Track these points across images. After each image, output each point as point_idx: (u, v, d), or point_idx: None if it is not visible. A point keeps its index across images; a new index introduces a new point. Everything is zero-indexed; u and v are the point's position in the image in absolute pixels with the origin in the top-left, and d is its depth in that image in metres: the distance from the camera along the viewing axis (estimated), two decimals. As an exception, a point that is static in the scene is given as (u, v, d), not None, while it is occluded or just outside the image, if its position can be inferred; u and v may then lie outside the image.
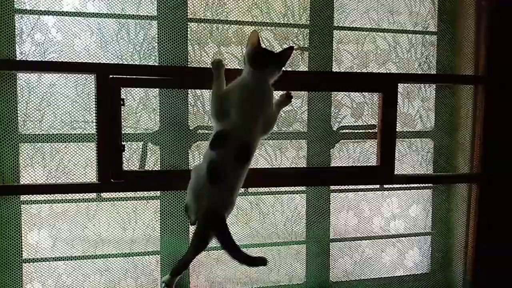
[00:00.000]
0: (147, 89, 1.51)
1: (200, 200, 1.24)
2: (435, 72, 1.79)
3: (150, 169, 1.51)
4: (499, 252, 1.75)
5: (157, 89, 1.51)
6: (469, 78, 1.72)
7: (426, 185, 1.84)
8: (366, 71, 1.70)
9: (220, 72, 1.32)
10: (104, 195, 1.53)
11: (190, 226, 1.45)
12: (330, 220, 1.73)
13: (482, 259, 1.74)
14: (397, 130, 1.76)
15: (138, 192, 1.55)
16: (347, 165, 1.70)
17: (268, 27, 1.61)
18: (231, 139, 1.22)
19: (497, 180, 1.72)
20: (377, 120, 1.64)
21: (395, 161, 1.73)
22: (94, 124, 1.38)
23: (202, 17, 1.55)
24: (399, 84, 1.73)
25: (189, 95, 1.54)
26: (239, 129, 1.23)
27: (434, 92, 1.81)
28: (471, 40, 1.73)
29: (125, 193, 1.54)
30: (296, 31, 1.64)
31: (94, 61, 1.46)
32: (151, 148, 1.53)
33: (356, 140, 1.73)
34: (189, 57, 1.54)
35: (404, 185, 1.80)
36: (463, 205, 1.78)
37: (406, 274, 1.84)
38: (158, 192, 1.56)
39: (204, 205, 1.23)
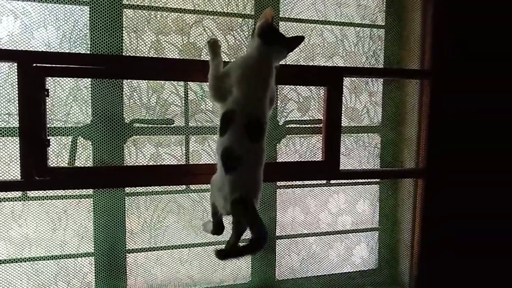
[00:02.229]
0: (78, 79, 1.43)
1: (224, 194, 1.14)
2: (382, 66, 1.80)
3: (80, 166, 1.44)
4: (444, 247, 1.80)
5: (89, 79, 1.43)
6: (415, 72, 1.74)
7: (373, 180, 1.85)
8: (313, 65, 1.69)
9: (217, 52, 1.26)
10: (31, 193, 1.44)
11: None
12: (276, 217, 1.71)
13: (428, 254, 1.78)
14: (344, 125, 1.76)
15: (68, 190, 1.48)
16: (294, 160, 1.69)
17: (211, 16, 1.56)
18: (239, 117, 1.13)
19: (442, 175, 1.75)
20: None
21: (342, 157, 1.73)
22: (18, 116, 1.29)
23: (139, 4, 1.48)
24: (346, 79, 1.75)
25: (124, 86, 1.47)
26: (246, 105, 1.15)
27: (381, 86, 1.82)
28: (417, 34, 1.75)
29: (54, 191, 1.46)
30: (241, 21, 1.60)
31: (17, 48, 1.36)
32: (82, 143, 1.45)
33: (303, 135, 1.72)
34: (124, 46, 1.46)
35: (351, 180, 1.81)
36: (409, 200, 1.81)
37: (354, 271, 1.86)
38: (91, 190, 1.49)
39: (229, 199, 1.12)
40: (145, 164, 1.52)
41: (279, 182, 1.70)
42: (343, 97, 1.75)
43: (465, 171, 1.78)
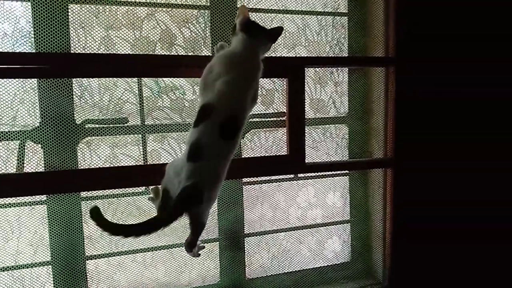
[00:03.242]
0: (24, 80, 1.37)
1: (180, 179, 1.12)
2: (347, 55, 1.78)
3: (31, 171, 1.37)
4: (416, 236, 1.79)
5: (35, 80, 1.37)
6: (378, 59, 1.72)
7: (342, 172, 1.83)
8: (274, 56, 1.65)
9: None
10: (-21, 202, 1.38)
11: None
12: (244, 214, 1.68)
13: (400, 244, 1.77)
14: (310, 116, 1.74)
15: (20, 198, 1.41)
16: (260, 155, 1.66)
17: (164, 9, 1.51)
18: (217, 111, 1.12)
19: (411, 163, 1.74)
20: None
21: (309, 149, 1.72)
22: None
23: (85, -2, 1.42)
24: (310, 69, 1.72)
25: (74, 86, 1.41)
26: (225, 99, 1.14)
27: (347, 76, 1.80)
28: (380, 20, 1.72)
29: (3, 199, 1.40)
30: (196, 13, 1.55)
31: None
32: (32, 147, 1.39)
33: (268, 129, 1.68)
34: (72, 43, 1.40)
35: (320, 173, 1.78)
36: (379, 190, 1.79)
37: (326, 265, 1.84)
38: (44, 196, 1.43)
39: (183, 183, 1.10)
40: (100, 166, 1.47)
41: (245, 179, 1.66)
42: (308, 89, 1.73)
43: (434, 158, 1.77)
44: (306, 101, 1.67)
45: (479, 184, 1.87)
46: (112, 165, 1.48)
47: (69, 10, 1.39)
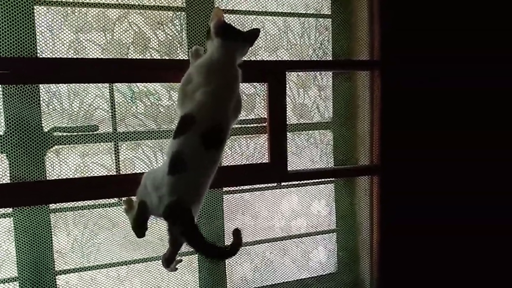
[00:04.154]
0: (-14, 86, 1.31)
1: (161, 194, 1.07)
2: (331, 58, 1.74)
3: (-6, 182, 1.32)
4: (405, 247, 1.75)
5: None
6: (363, 62, 1.68)
7: (327, 179, 1.79)
8: (253, 59, 1.61)
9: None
10: None
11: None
12: (224, 225, 1.63)
13: (388, 255, 1.73)
14: (293, 122, 1.70)
15: (-17, 210, 1.36)
16: (241, 163, 1.61)
17: (137, 10, 1.46)
18: (198, 122, 1.09)
19: (398, 170, 1.70)
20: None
21: (293, 156, 1.68)
22: None
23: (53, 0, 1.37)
24: (293, 73, 1.68)
25: (41, 91, 1.36)
26: (207, 110, 1.10)
27: (331, 80, 1.75)
28: (365, 22, 1.68)
29: (-35, 212, 1.34)
30: (171, 14, 1.51)
31: None
32: (-4, 157, 1.33)
33: (249, 135, 1.63)
34: (38, 47, 1.35)
35: (304, 181, 1.73)
36: (366, 198, 1.75)
37: (312, 276, 1.79)
38: (10, 208, 1.37)
39: (165, 200, 1.05)
40: (70, 176, 1.41)
41: (225, 187, 1.61)
42: (290, 93, 1.69)
43: (421, 164, 1.73)
44: (289, 106, 1.63)
45: (470, 190, 1.83)
46: (82, 175, 1.43)
47: (35, 12, 1.33)
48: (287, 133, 1.53)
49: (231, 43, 1.17)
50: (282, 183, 1.71)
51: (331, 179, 1.80)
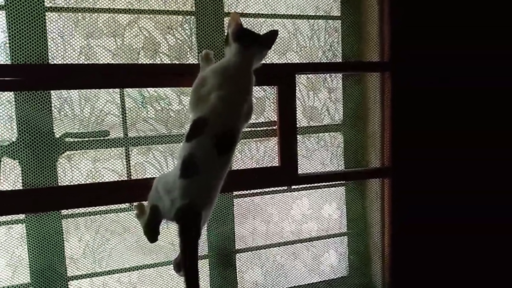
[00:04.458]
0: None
1: (173, 198, 1.07)
2: (340, 60, 1.73)
3: (7, 189, 1.32)
4: (416, 248, 1.74)
5: (12, 92, 1.32)
6: (373, 64, 1.67)
7: (337, 182, 1.78)
8: (263, 62, 1.60)
9: (209, 65, 1.24)
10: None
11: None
12: (235, 229, 1.63)
13: (400, 258, 1.71)
14: (303, 125, 1.70)
15: (-4, 216, 1.36)
16: (250, 167, 1.61)
17: (147, 15, 1.47)
18: (211, 126, 1.10)
19: (409, 173, 1.69)
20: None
21: (303, 159, 1.67)
22: None
23: (64, 5, 1.37)
24: (302, 76, 1.68)
25: (53, 97, 1.36)
26: (220, 114, 1.12)
27: (341, 82, 1.75)
28: (375, 23, 1.68)
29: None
30: (181, 18, 1.51)
31: None
32: (9, 163, 1.34)
33: (259, 139, 1.63)
34: (50, 53, 1.36)
35: (315, 184, 1.73)
36: (377, 201, 1.74)
37: (323, 280, 1.79)
38: (22, 214, 1.38)
39: (177, 203, 1.06)
40: (81, 182, 1.42)
41: (235, 191, 1.61)
42: (300, 96, 1.69)
43: (433, 167, 1.72)
44: (298, 109, 1.63)
45: (482, 190, 1.81)
46: (94, 181, 1.43)
47: (47, 19, 1.34)
48: (297, 136, 1.53)
49: (249, 49, 1.19)
50: (293, 186, 1.71)
51: (342, 182, 1.79)
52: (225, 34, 1.24)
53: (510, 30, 1.81)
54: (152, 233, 1.17)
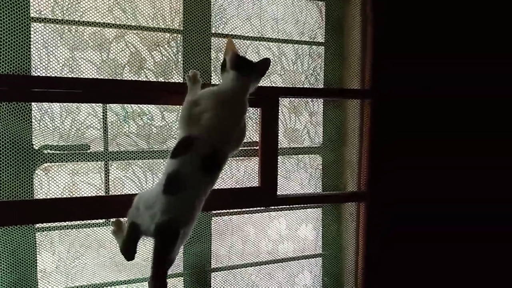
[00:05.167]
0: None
1: (152, 214, 1.07)
2: (322, 85, 1.78)
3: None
4: (388, 274, 1.78)
5: (-9, 101, 1.30)
6: (354, 92, 1.72)
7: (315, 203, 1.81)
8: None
9: (196, 86, 1.27)
10: None
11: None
12: (212, 247, 1.63)
13: (372, 283, 1.75)
14: (283, 146, 1.73)
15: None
16: (230, 186, 1.62)
17: (134, 31, 1.48)
18: (199, 145, 1.12)
19: (385, 198, 1.74)
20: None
21: (282, 179, 1.70)
22: None
23: (50, 17, 1.37)
24: (284, 98, 1.71)
25: (33, 108, 1.35)
26: (210, 135, 1.14)
27: (322, 106, 1.79)
28: (357, 52, 1.73)
29: None
30: (168, 36, 1.53)
31: None
32: (-17, 173, 1.31)
33: (240, 158, 1.65)
34: (33, 64, 1.34)
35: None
36: (352, 224, 1.78)
37: (296, 300, 1.80)
38: (-6, 226, 1.35)
39: (157, 219, 1.06)
40: (58, 195, 1.40)
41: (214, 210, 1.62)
42: (282, 117, 1.72)
43: (408, 194, 1.78)
44: (280, 130, 1.66)
45: (457, 218, 1.88)
46: (71, 194, 1.42)
47: (32, 29, 1.34)
48: (278, 156, 1.56)
49: (246, 77, 1.23)
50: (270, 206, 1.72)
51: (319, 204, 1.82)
52: (222, 60, 1.28)
53: (489, 40, 1.89)
54: (129, 251, 1.16)
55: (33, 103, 1.34)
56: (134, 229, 1.14)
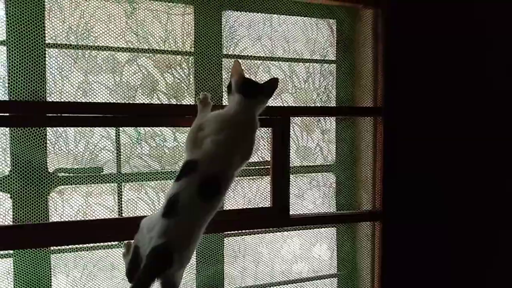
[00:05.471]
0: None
1: (151, 236, 1.07)
2: (334, 103, 1.77)
3: (-4, 223, 1.32)
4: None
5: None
6: (366, 110, 1.71)
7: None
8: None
9: (206, 108, 1.28)
10: None
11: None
12: (224, 268, 1.62)
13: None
14: (296, 164, 1.72)
15: (-18, 250, 1.35)
16: (242, 205, 1.61)
17: (146, 54, 1.50)
18: (201, 169, 1.11)
19: (401, 217, 1.71)
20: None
21: (295, 198, 1.69)
22: None
23: (65, 42, 1.40)
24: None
25: (48, 132, 1.38)
26: (209, 161, 1.13)
27: (334, 123, 1.78)
28: (369, 69, 1.73)
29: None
30: (180, 58, 1.55)
31: None
32: (0, 196, 1.34)
33: (252, 177, 1.65)
34: (48, 88, 1.38)
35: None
36: (368, 243, 1.75)
37: (312, 322, 1.77)
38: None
39: (153, 242, 1.05)
40: (73, 217, 1.42)
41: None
42: (294, 135, 1.72)
43: (424, 212, 1.74)
44: (292, 148, 1.65)
45: (474, 238, 1.83)
46: (85, 216, 1.43)
47: (47, 54, 1.37)
48: (290, 175, 1.55)
49: (252, 100, 1.23)
50: (284, 226, 1.71)
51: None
52: (228, 83, 1.28)
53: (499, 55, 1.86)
54: (132, 275, 1.16)
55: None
56: (136, 251, 1.13)
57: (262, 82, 1.26)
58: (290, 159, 1.58)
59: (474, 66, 1.82)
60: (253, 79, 1.28)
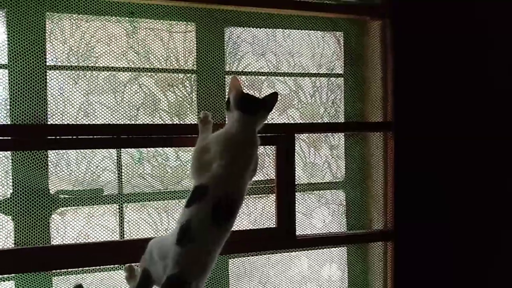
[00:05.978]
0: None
1: (165, 264, 1.06)
2: (343, 116, 1.72)
3: (-3, 246, 1.32)
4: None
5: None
6: (375, 125, 1.65)
7: (338, 242, 1.73)
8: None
9: (207, 127, 1.27)
10: None
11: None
12: (230, 290, 1.58)
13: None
14: (303, 182, 1.67)
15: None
16: (246, 226, 1.57)
17: (148, 73, 1.49)
18: (212, 194, 1.09)
19: (413, 236, 1.64)
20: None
21: (303, 217, 1.64)
22: None
23: (66, 64, 1.40)
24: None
25: (49, 154, 1.38)
26: (222, 182, 1.12)
27: (343, 138, 1.73)
28: (378, 82, 1.67)
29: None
30: (182, 76, 1.53)
31: None
32: (2, 219, 1.34)
33: (257, 196, 1.61)
34: (49, 110, 1.38)
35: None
36: (380, 264, 1.68)
37: None
38: (12, 271, 1.37)
39: (168, 271, 1.04)
40: (74, 239, 1.41)
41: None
42: (301, 152, 1.67)
43: (437, 231, 1.67)
44: (298, 165, 1.61)
45: (490, 258, 1.74)
46: (87, 238, 1.42)
47: (48, 77, 1.37)
48: (297, 193, 1.51)
49: (251, 115, 1.20)
50: (292, 246, 1.66)
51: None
52: (226, 98, 1.25)
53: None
54: None
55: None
56: (147, 276, 1.12)
57: (261, 97, 1.24)
58: (297, 176, 1.54)
59: (478, 68, 1.74)
60: (252, 94, 1.26)
